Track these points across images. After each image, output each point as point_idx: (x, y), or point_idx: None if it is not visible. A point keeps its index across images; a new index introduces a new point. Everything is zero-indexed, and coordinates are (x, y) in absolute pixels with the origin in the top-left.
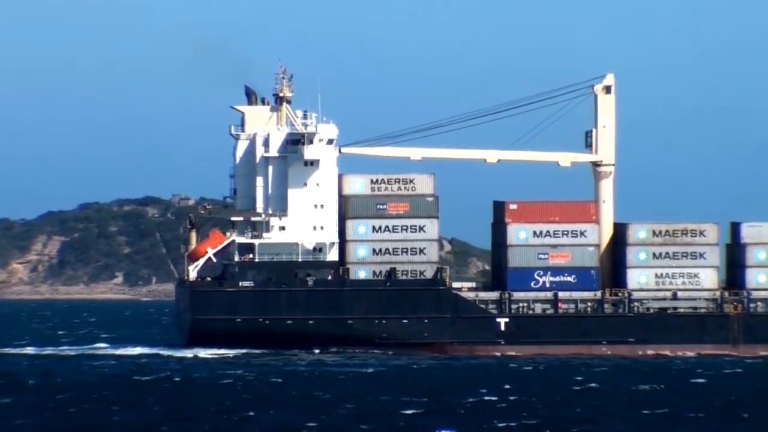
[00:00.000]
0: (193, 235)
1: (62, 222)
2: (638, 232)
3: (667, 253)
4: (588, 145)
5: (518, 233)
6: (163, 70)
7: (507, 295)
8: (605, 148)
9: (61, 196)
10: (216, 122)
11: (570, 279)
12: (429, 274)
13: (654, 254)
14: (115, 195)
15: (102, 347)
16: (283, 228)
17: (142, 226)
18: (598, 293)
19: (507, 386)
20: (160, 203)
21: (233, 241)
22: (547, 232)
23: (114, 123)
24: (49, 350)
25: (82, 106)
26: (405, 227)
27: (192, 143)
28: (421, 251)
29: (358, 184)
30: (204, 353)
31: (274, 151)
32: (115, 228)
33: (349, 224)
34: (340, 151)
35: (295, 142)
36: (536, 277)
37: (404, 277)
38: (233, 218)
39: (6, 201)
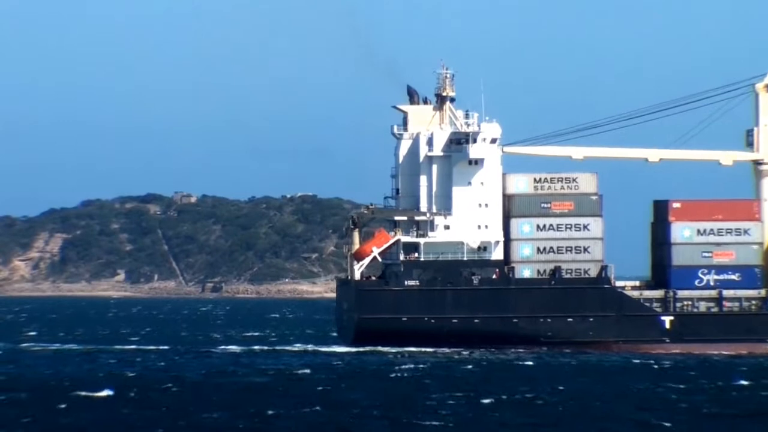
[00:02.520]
0: (356, 235)
1: (64, 219)
2: None
3: None
4: (749, 144)
5: (682, 231)
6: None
7: (671, 294)
8: (766, 147)
9: (63, 194)
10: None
11: (734, 277)
12: (593, 272)
13: None
14: (117, 192)
15: (270, 346)
16: (447, 227)
17: (144, 223)
18: (762, 291)
19: None
20: (162, 200)
21: (398, 240)
22: (711, 230)
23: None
24: (242, 348)
25: (83, 105)
26: (569, 226)
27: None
28: (586, 250)
29: (521, 183)
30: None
31: (438, 151)
32: (117, 225)
33: (514, 223)
34: (502, 151)
35: (459, 141)
36: (700, 275)
37: (568, 276)
38: (397, 218)
39: (8, 198)
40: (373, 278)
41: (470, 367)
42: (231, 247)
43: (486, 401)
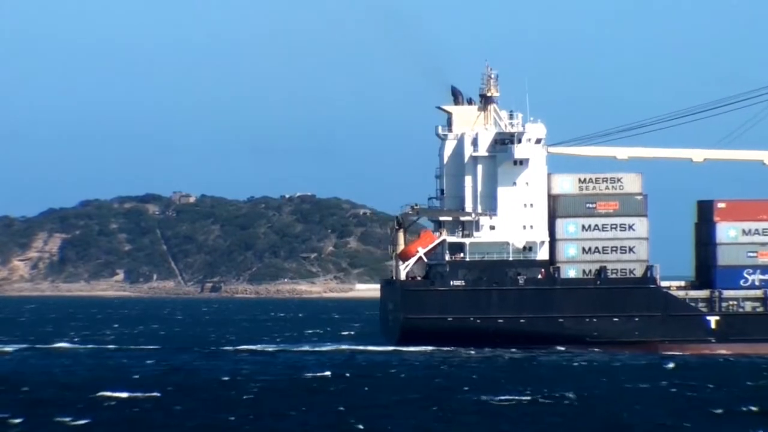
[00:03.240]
0: (401, 236)
1: (63, 219)
2: None
3: None
4: None
5: (727, 231)
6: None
7: (717, 294)
8: None
9: (61, 194)
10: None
11: None
12: (638, 272)
13: None
14: (116, 192)
15: (314, 346)
16: (493, 227)
17: (142, 223)
18: None
19: None
20: (161, 200)
21: (444, 240)
22: (756, 230)
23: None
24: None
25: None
26: (614, 226)
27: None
28: (631, 250)
29: (566, 184)
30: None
31: (483, 151)
32: (115, 225)
33: (559, 223)
34: (547, 151)
35: (504, 141)
36: (745, 275)
37: (614, 276)
38: (442, 218)
39: (7, 198)
40: (418, 278)
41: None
42: (230, 247)
43: None
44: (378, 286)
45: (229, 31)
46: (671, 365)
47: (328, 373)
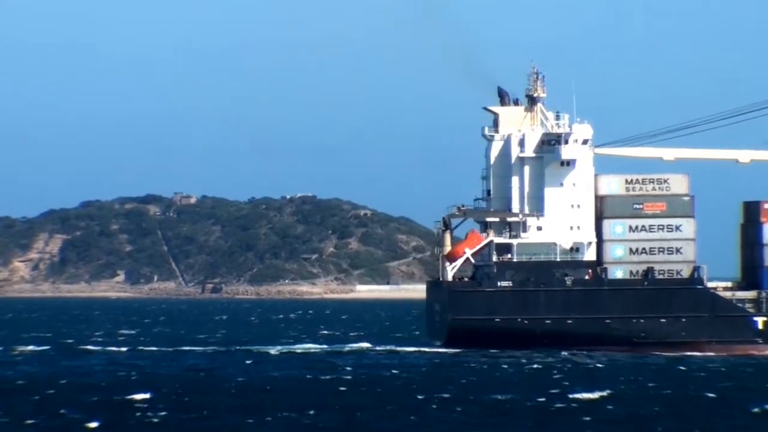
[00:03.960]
0: (448, 237)
1: (64, 220)
2: None
3: None
4: None
5: None
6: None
7: (764, 294)
8: None
9: (62, 194)
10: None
11: None
12: (686, 273)
13: None
14: (117, 193)
15: (371, 347)
16: (540, 228)
17: (143, 224)
18: None
19: None
20: (162, 201)
21: (491, 241)
22: None
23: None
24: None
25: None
26: (661, 227)
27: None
28: (678, 251)
29: (613, 184)
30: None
31: (530, 152)
32: (116, 226)
33: (606, 224)
34: (594, 152)
35: (551, 142)
36: None
37: (661, 276)
38: (489, 219)
39: (8, 199)
40: (465, 279)
41: None
42: (230, 248)
43: None
44: (380, 287)
45: (232, 32)
46: None
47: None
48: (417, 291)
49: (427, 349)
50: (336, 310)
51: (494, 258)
